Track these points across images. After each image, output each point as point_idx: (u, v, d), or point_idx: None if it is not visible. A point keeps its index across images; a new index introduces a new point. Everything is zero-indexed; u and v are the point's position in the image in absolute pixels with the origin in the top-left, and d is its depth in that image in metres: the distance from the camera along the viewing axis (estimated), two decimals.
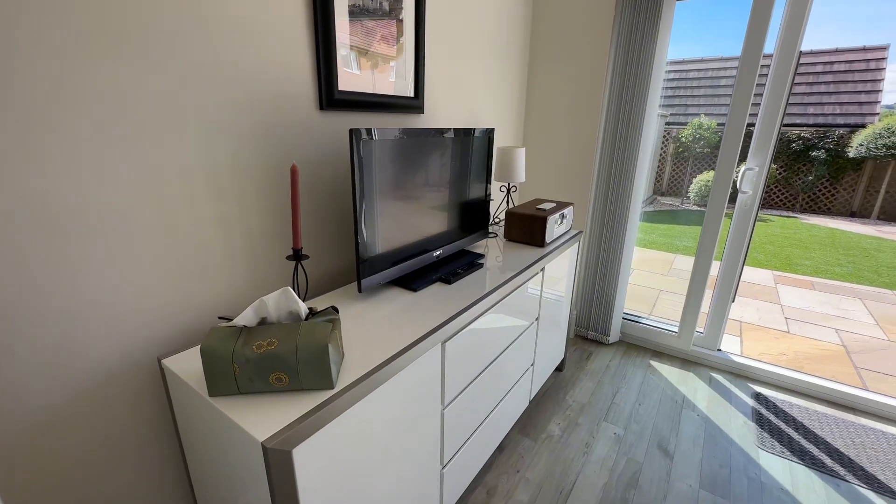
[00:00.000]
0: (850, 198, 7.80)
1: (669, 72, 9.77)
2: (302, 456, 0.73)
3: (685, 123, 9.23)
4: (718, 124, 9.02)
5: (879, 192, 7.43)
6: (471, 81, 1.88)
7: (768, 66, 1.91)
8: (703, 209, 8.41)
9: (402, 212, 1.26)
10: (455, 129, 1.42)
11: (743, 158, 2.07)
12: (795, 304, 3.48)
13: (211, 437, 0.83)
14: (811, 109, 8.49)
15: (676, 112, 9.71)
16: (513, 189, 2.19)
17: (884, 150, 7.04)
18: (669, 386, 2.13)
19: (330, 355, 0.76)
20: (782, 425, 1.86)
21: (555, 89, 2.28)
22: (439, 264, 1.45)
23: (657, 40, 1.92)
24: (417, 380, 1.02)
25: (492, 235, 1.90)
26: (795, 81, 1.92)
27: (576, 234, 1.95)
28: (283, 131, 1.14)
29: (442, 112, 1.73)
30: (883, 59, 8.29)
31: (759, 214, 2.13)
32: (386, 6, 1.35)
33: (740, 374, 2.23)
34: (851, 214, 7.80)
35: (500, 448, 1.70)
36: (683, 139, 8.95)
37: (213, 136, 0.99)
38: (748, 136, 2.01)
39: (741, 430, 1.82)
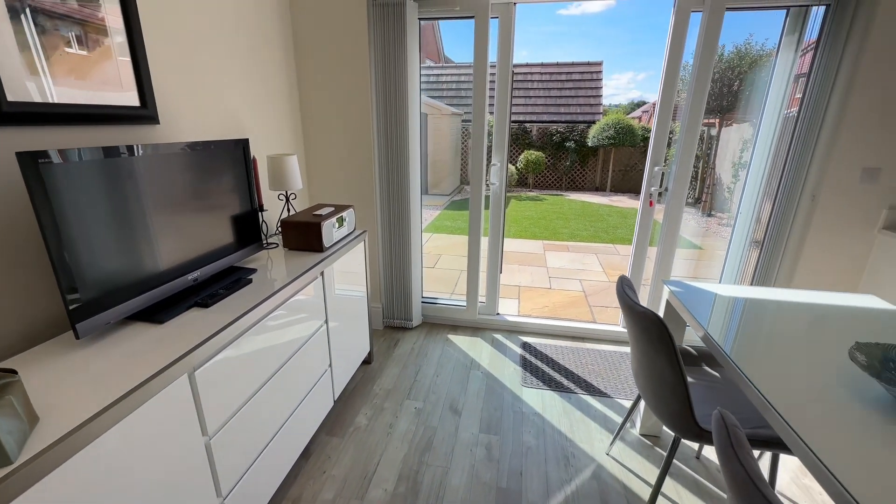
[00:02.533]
0: (593, 176, 10.27)
1: (461, 74, 11.04)
2: None
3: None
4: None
5: (609, 171, 10.01)
6: (224, 88, 1.77)
7: (508, 75, 2.35)
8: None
9: (138, 238, 1.13)
10: (197, 142, 1.33)
11: (525, 149, 2.50)
12: (556, 265, 4.44)
13: None
14: (562, 109, 10.81)
15: (470, 111, 11.07)
16: (292, 197, 2.17)
17: (607, 140, 9.49)
18: (462, 353, 2.47)
19: None
20: (539, 364, 2.38)
21: (329, 95, 2.33)
22: (199, 288, 1.35)
23: (407, 49, 2.16)
24: (159, 418, 0.94)
25: (272, 246, 1.86)
26: (549, 87, 2.41)
27: (360, 234, 2.07)
28: None
29: (188, 122, 1.59)
30: (600, 71, 11.09)
31: (536, 195, 2.61)
32: (74, 2, 1.16)
33: (514, 330, 2.75)
34: (595, 189, 10.29)
35: (306, 455, 1.72)
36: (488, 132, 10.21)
37: None
38: (523, 133, 2.45)
39: (511, 376, 2.26)
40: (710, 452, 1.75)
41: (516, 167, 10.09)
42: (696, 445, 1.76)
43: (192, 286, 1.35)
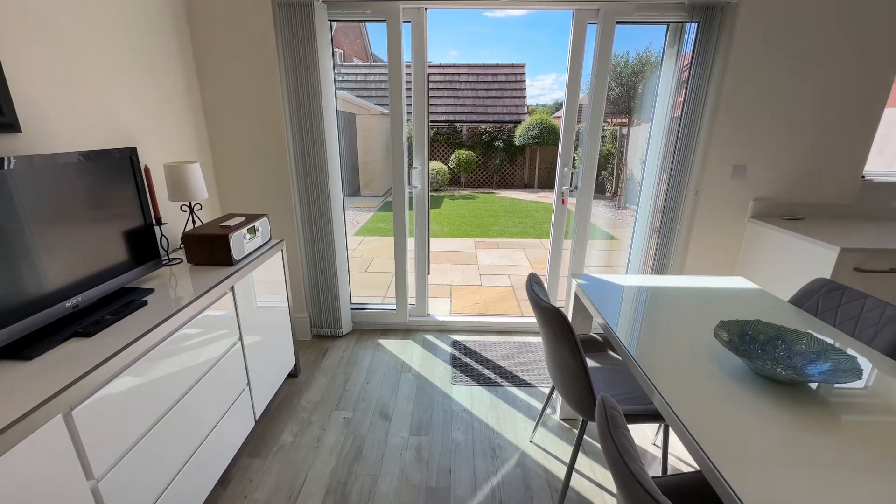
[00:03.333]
0: (521, 174, 10.72)
1: (381, 74, 10.95)
2: None
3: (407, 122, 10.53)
4: (431, 121, 10.75)
5: (535, 169, 10.50)
6: (108, 91, 1.60)
7: (431, 75, 2.36)
8: (433, 194, 9.95)
9: None
10: (71, 153, 1.19)
11: (458, 145, 2.52)
12: (487, 262, 4.58)
13: None
14: (490, 109, 11.13)
15: (409, 111, 11.00)
16: (197, 207, 2.03)
17: (532, 139, 9.95)
18: (393, 357, 2.47)
19: None
20: (469, 360, 2.44)
21: (235, 97, 2.20)
22: (81, 315, 1.22)
23: (318, 50, 2.10)
24: (32, 465, 0.84)
25: (175, 262, 1.72)
26: (476, 87, 2.45)
27: (276, 244, 1.98)
28: None
29: (62, 130, 1.42)
30: (523, 73, 11.58)
31: (469, 193, 2.65)
32: None
33: (445, 330, 2.80)
34: (524, 186, 10.75)
35: (225, 481, 1.62)
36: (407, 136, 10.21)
37: None
38: (453, 132, 2.47)
39: (442, 375, 2.30)
40: None
41: (448, 167, 10.24)
42: None
43: (73, 313, 1.21)
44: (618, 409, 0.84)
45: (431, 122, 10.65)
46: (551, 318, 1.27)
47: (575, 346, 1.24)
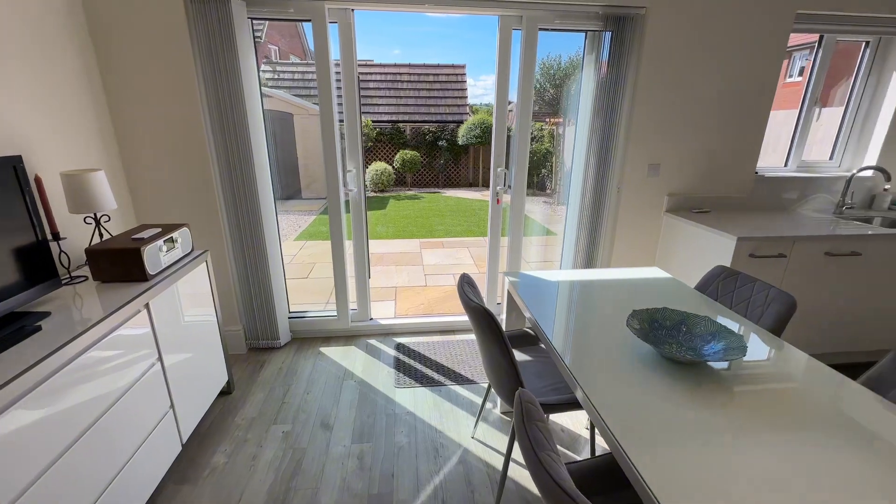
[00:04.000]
0: (466, 173, 10.88)
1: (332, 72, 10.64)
2: None
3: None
4: (374, 121, 10.64)
5: (479, 168, 10.70)
6: None
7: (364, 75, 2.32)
8: (379, 195, 9.84)
9: None
10: None
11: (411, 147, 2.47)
12: (432, 262, 4.61)
13: None
14: (432, 109, 11.19)
15: (342, 110, 10.75)
16: (105, 219, 1.86)
17: (475, 139, 10.13)
18: (335, 365, 2.42)
19: None
20: (412, 362, 2.45)
21: (146, 98, 2.03)
22: None
23: (237, 48, 1.99)
24: None
25: (79, 280, 1.57)
26: (418, 87, 2.41)
27: (200, 255, 1.87)
28: None
29: None
30: (464, 73, 11.75)
31: (415, 193, 2.61)
32: None
33: (389, 333, 2.78)
34: (469, 185, 10.92)
35: None
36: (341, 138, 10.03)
37: None
38: (397, 132, 2.42)
39: (385, 380, 2.29)
40: (556, 417, 2.01)
41: (393, 167, 10.16)
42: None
43: None
44: (534, 402, 0.88)
45: (375, 122, 10.54)
46: (480, 317, 1.31)
47: (503, 343, 1.29)
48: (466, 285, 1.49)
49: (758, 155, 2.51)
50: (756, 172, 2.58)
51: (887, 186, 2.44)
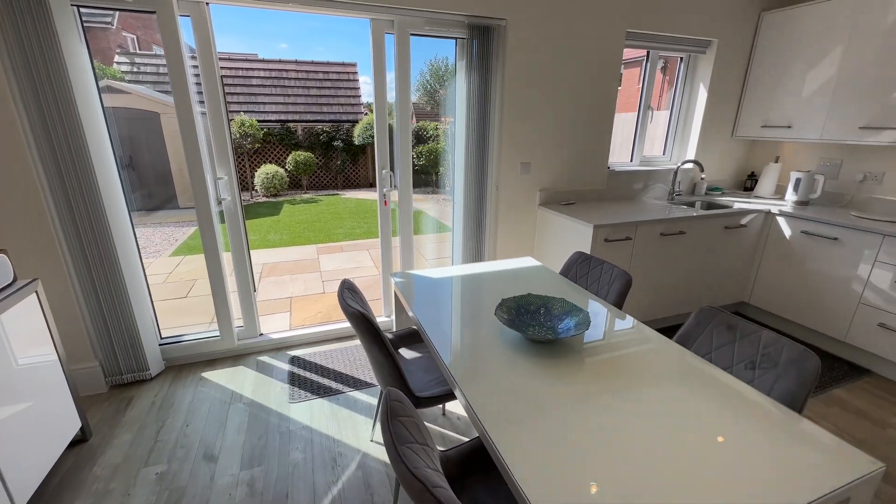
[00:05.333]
0: (366, 173, 10.71)
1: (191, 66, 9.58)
2: None
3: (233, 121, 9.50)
4: (260, 121, 9.90)
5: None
6: None
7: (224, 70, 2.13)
8: (271, 200, 9.20)
9: None
10: None
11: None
12: (330, 267, 4.47)
13: None
14: (325, 109, 10.77)
15: (233, 110, 9.79)
16: None
17: (370, 138, 10.01)
18: (220, 389, 2.23)
19: None
20: (309, 374, 2.36)
21: None
22: None
23: (59, 41, 1.71)
24: None
25: None
26: (308, 85, 2.24)
27: (26, 285, 1.58)
28: None
29: None
30: (355, 72, 11.52)
31: (312, 196, 2.44)
32: None
33: (282, 347, 2.64)
34: (370, 185, 10.77)
35: None
36: (233, 137, 9.22)
37: None
38: (287, 133, 2.23)
39: (278, 397, 2.18)
40: (454, 407, 2.10)
41: (286, 169, 9.58)
42: (441, 406, 2.10)
43: None
44: (401, 399, 0.93)
45: (261, 121, 9.81)
46: (358, 322, 1.32)
47: (383, 344, 1.32)
48: (347, 291, 1.49)
49: (608, 152, 2.90)
50: (609, 168, 2.98)
51: (703, 176, 3.00)
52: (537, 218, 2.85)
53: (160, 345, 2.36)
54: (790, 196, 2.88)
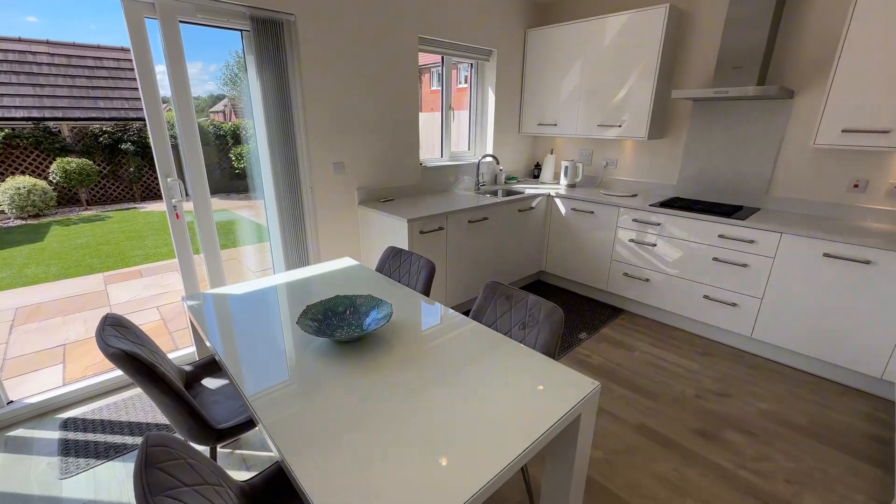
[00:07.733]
0: None
1: None
2: None
3: None
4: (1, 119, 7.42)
5: None
6: None
7: None
8: (31, 222, 7.04)
9: None
10: None
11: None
12: (124, 298, 3.67)
13: None
14: (101, 104, 8.69)
15: None
16: None
17: (173, 138, 8.52)
18: None
19: None
20: (90, 436, 1.90)
21: None
22: None
23: None
24: None
25: None
26: (73, 74, 1.60)
27: None
28: None
29: None
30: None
31: (96, 213, 1.81)
32: None
33: (47, 411, 2.06)
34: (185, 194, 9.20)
35: None
36: None
37: None
38: (47, 135, 1.55)
39: (42, 476, 1.69)
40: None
41: (50, 181, 7.46)
42: None
43: None
44: (165, 444, 0.81)
45: (1, 118, 7.38)
46: (124, 363, 1.11)
47: (162, 382, 1.14)
48: (110, 328, 1.24)
49: (418, 149, 3.09)
50: (422, 163, 3.18)
51: (500, 168, 3.47)
52: (358, 217, 2.86)
53: None
54: (563, 181, 3.56)
